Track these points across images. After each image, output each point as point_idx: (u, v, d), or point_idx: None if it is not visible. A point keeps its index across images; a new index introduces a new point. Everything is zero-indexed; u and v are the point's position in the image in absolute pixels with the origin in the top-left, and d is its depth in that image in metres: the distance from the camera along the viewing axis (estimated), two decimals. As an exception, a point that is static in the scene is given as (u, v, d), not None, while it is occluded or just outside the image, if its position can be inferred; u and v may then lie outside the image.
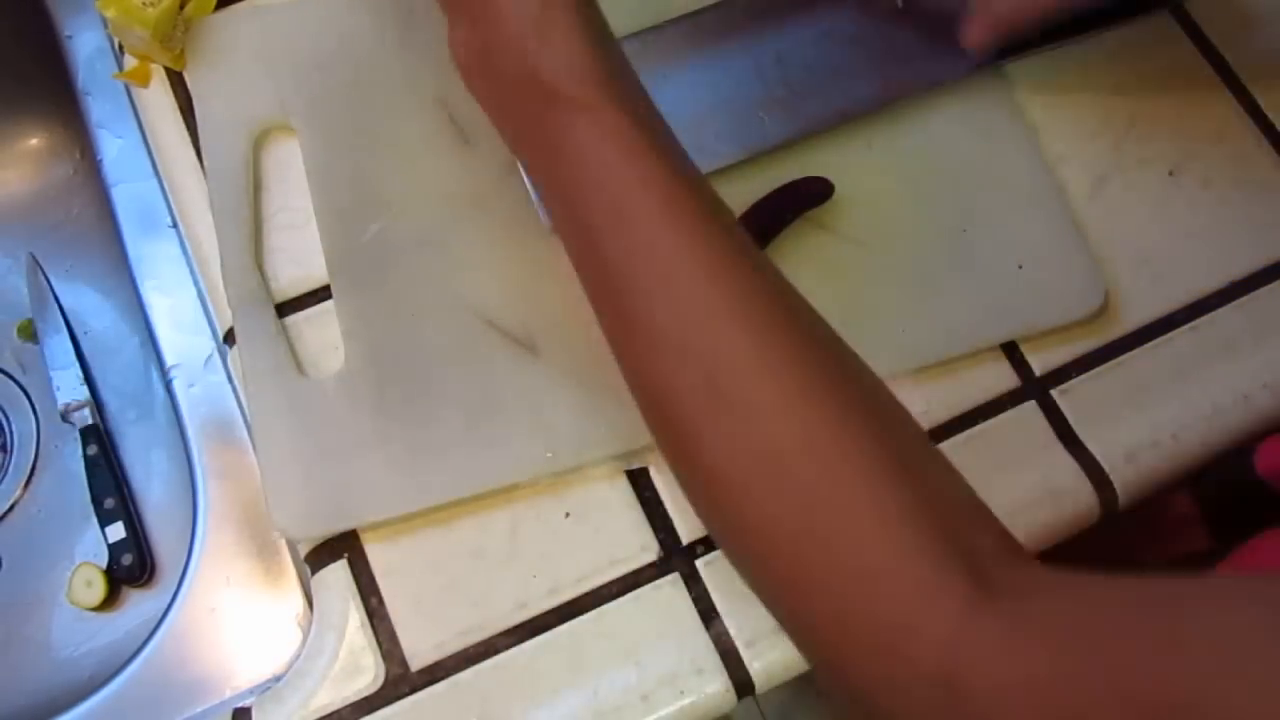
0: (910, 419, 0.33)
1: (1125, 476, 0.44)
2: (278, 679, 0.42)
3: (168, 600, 0.49)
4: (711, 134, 0.48)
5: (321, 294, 0.46)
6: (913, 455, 0.31)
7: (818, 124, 0.48)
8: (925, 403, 0.45)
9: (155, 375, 0.61)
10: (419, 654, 0.41)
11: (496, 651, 0.41)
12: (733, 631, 0.41)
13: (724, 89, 0.49)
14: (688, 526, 0.43)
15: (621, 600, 0.42)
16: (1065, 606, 0.26)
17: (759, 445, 0.30)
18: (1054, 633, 0.26)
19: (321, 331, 0.46)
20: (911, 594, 0.27)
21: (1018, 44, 0.48)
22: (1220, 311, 0.47)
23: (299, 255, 0.47)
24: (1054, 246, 0.47)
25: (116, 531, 0.56)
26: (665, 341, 0.32)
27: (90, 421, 0.60)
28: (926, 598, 0.27)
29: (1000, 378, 0.46)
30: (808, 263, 0.47)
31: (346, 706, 0.41)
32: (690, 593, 0.42)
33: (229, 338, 0.46)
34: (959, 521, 0.29)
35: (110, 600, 0.56)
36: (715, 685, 0.41)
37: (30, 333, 0.64)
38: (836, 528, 0.29)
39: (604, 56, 0.34)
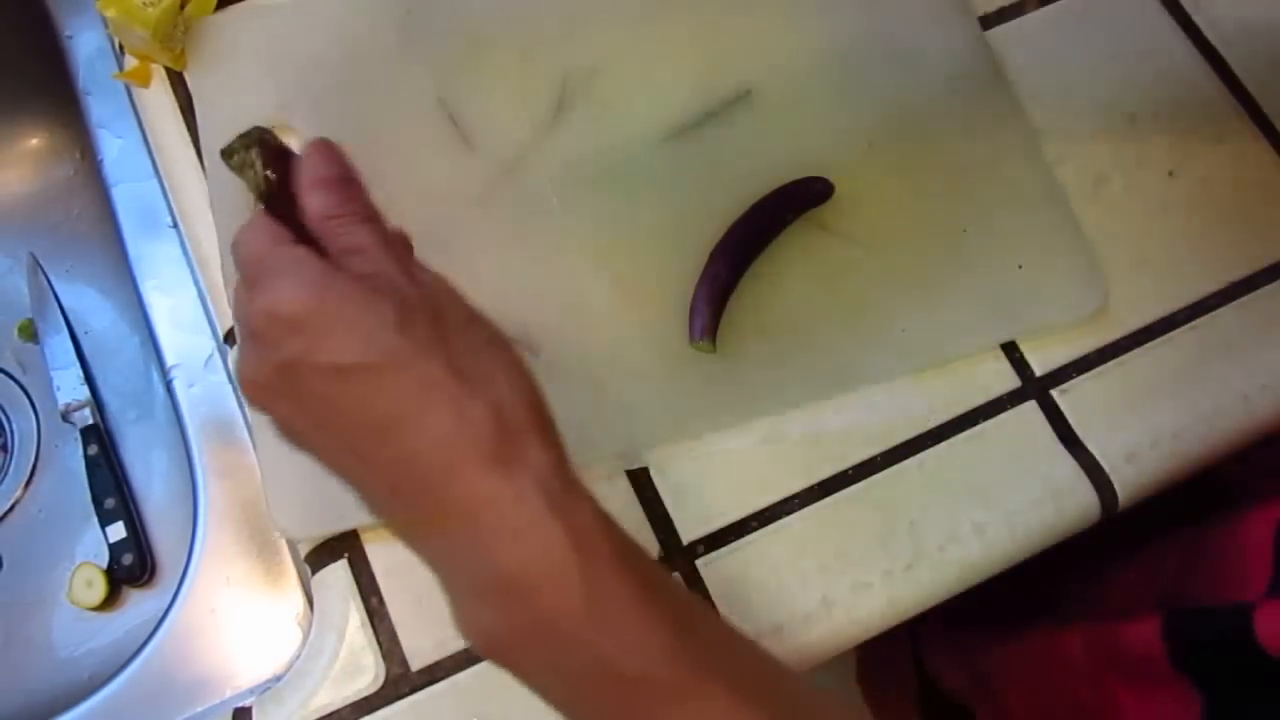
0: None
1: (1125, 476, 0.44)
2: (278, 679, 0.42)
3: (168, 600, 0.49)
4: None
5: (322, 294, 0.46)
6: None
7: None
8: (925, 403, 0.45)
9: (155, 375, 0.61)
10: (419, 654, 0.41)
11: (496, 651, 0.41)
12: (733, 631, 0.41)
13: None
14: (688, 526, 0.43)
15: (621, 600, 0.42)
16: None
17: None
18: None
19: (322, 331, 0.46)
20: None
21: None
22: (1220, 311, 0.47)
23: (299, 255, 0.47)
24: (1054, 246, 0.47)
25: (117, 531, 0.56)
26: None
27: (91, 421, 0.60)
28: None
29: (1000, 378, 0.46)
30: (808, 263, 0.47)
31: (347, 706, 0.41)
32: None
33: (229, 337, 0.46)
34: None
35: (110, 600, 0.56)
36: (715, 685, 0.41)
37: (31, 333, 0.64)
38: None
39: (680, 621, 0.29)
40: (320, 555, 0.43)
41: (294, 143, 0.49)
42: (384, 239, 0.32)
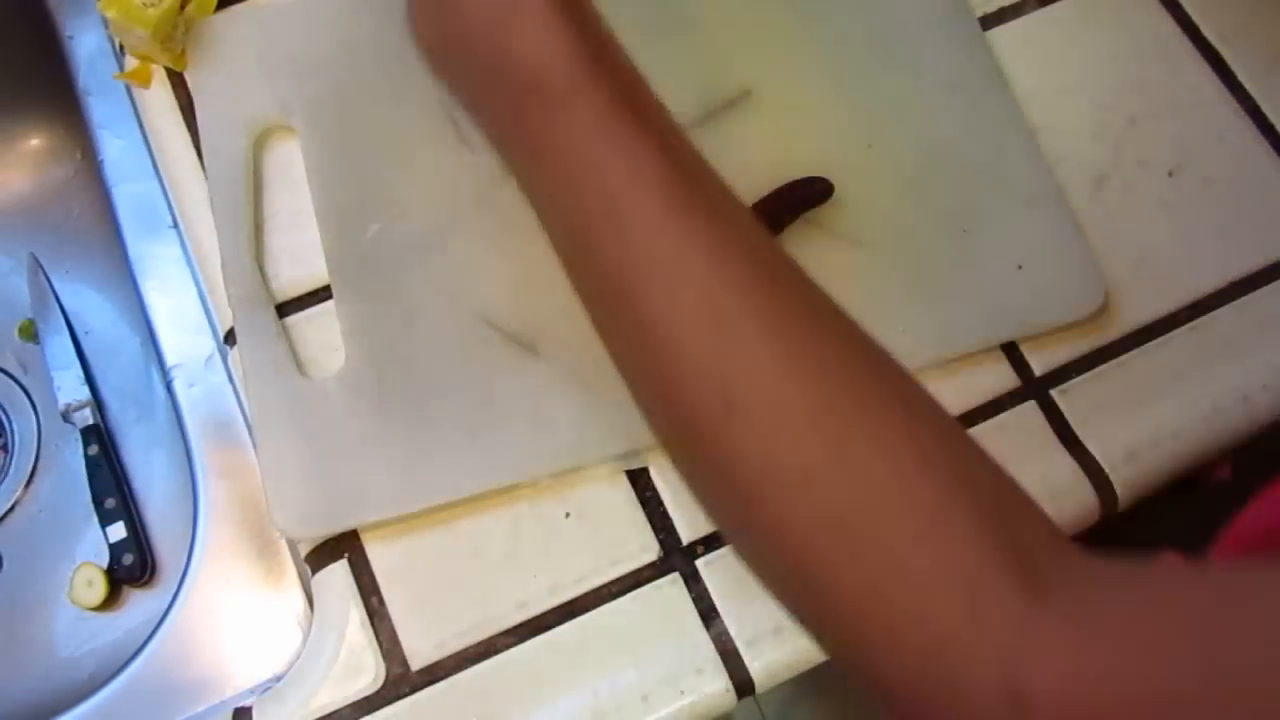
0: (941, 410, 0.30)
1: (1125, 476, 0.44)
2: (278, 679, 0.42)
3: (168, 600, 0.49)
4: None
5: (322, 294, 0.46)
6: (948, 449, 0.28)
7: None
8: (925, 403, 0.45)
9: (156, 375, 0.61)
10: (419, 654, 0.41)
11: (496, 651, 0.41)
12: (733, 631, 0.41)
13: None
14: (688, 526, 0.43)
15: (621, 600, 0.42)
16: (1132, 601, 0.25)
17: (785, 459, 0.28)
18: (1124, 631, 0.24)
19: (321, 331, 0.46)
20: (962, 599, 0.25)
21: None
22: (1220, 311, 0.47)
23: (299, 255, 0.47)
24: (1054, 246, 0.47)
25: (117, 531, 0.56)
26: (673, 353, 0.29)
27: (91, 421, 0.60)
28: (978, 602, 0.25)
29: (1000, 378, 0.46)
30: (808, 263, 0.46)
31: (347, 706, 0.41)
32: (690, 592, 0.42)
33: (229, 338, 0.46)
34: (1003, 515, 0.27)
35: (111, 600, 0.56)
36: (715, 685, 0.41)
37: (31, 333, 0.64)
38: (873, 535, 0.26)
39: (582, 36, 0.31)
40: (320, 555, 0.43)
41: (295, 144, 0.49)
42: None
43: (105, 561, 0.56)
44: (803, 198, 0.47)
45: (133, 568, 0.56)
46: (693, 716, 0.41)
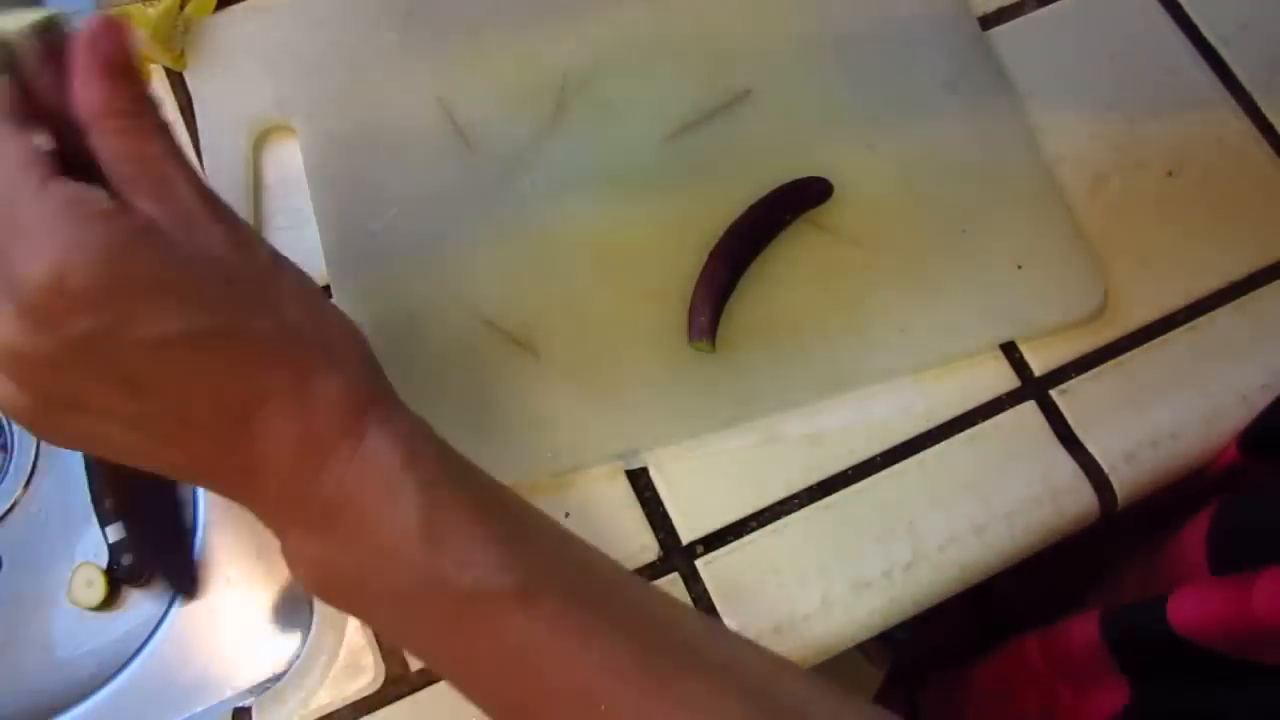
0: None
1: (1124, 476, 0.44)
2: (278, 679, 0.42)
3: (168, 600, 0.49)
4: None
5: (321, 294, 0.46)
6: None
7: None
8: (925, 403, 0.45)
9: (155, 375, 0.60)
10: (419, 654, 0.41)
11: (496, 651, 0.41)
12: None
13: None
14: (688, 526, 0.43)
15: (621, 600, 0.42)
16: None
17: None
18: None
19: (321, 331, 0.46)
20: None
21: None
22: (1220, 311, 0.47)
23: (299, 255, 0.46)
24: (1054, 246, 0.47)
25: (117, 531, 0.56)
26: None
27: (90, 421, 0.60)
28: None
29: (1000, 378, 0.46)
30: (808, 263, 0.47)
31: (346, 706, 0.41)
32: (689, 592, 0.42)
33: (229, 338, 0.46)
34: None
35: (111, 600, 0.56)
36: (715, 685, 0.41)
37: (30, 332, 0.64)
38: None
39: (514, 532, 0.29)
40: (320, 555, 0.43)
41: (295, 144, 0.49)
42: (180, 153, 0.28)
43: (105, 561, 0.56)
44: (802, 198, 0.47)
45: (132, 568, 0.56)
46: (693, 716, 0.41)
